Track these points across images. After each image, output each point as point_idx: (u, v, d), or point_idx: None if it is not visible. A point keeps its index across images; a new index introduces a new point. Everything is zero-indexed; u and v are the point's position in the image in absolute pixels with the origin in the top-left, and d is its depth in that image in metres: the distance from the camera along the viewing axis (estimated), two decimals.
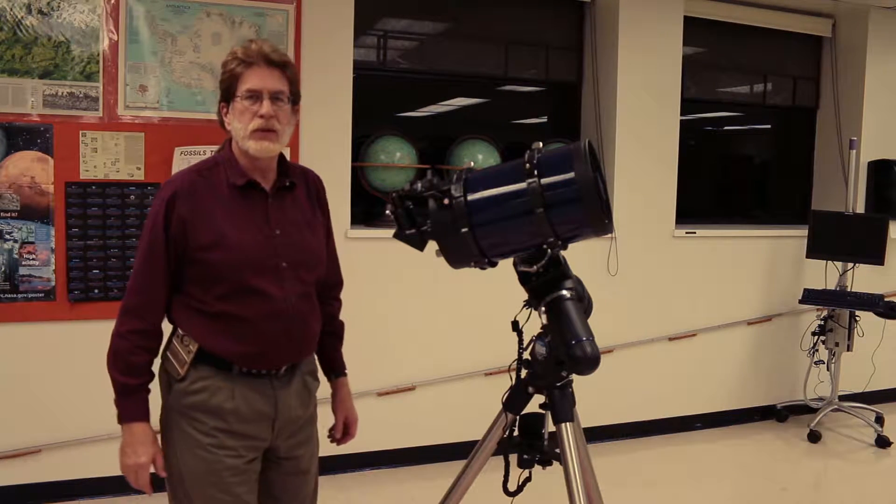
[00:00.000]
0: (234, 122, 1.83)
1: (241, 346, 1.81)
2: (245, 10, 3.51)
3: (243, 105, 1.80)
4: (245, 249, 1.81)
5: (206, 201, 1.81)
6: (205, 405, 1.81)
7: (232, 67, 1.82)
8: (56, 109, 3.27)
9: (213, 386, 1.82)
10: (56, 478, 3.38)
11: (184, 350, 1.83)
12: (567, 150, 1.73)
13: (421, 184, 1.79)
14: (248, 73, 1.81)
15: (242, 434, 1.84)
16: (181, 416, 1.83)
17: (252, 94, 1.80)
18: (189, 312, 1.83)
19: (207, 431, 1.81)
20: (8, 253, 3.25)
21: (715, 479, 4.06)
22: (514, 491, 1.94)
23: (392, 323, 3.88)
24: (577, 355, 1.67)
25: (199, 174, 1.85)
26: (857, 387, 4.85)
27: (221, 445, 1.82)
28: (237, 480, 1.83)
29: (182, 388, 1.83)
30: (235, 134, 1.84)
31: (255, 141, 1.80)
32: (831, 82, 5.11)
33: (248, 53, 1.82)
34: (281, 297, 1.83)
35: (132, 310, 1.82)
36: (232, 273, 1.79)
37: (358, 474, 3.84)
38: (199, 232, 1.79)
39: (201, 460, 1.81)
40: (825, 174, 5.21)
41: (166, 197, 1.80)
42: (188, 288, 1.83)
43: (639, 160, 4.36)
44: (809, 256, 4.64)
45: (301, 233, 1.91)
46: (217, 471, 1.81)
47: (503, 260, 1.83)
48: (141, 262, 1.82)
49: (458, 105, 4.77)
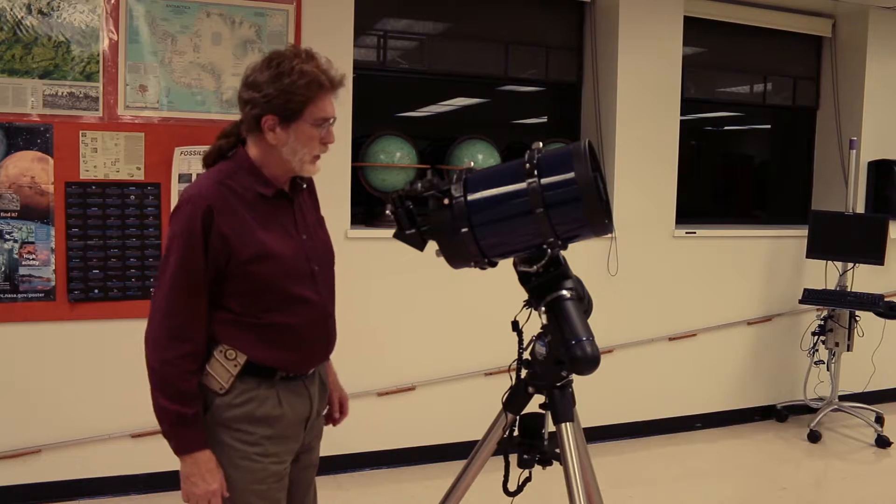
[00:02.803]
0: (296, 144, 1.76)
1: (288, 353, 1.82)
2: (245, 10, 3.51)
3: (313, 132, 1.76)
4: (285, 258, 1.80)
5: (240, 213, 1.76)
6: (252, 416, 1.80)
7: (310, 94, 1.73)
8: (56, 109, 3.27)
9: (260, 395, 1.80)
10: (56, 478, 3.37)
11: (229, 364, 1.78)
12: (567, 150, 1.73)
13: (421, 184, 1.79)
14: (322, 98, 1.76)
15: (286, 437, 1.84)
16: (224, 430, 1.80)
17: (326, 122, 1.77)
18: (232, 326, 1.78)
19: (254, 441, 1.80)
20: (8, 253, 3.25)
21: (715, 479, 4.06)
22: (514, 491, 1.95)
23: (392, 323, 3.88)
24: (577, 355, 1.67)
25: (225, 185, 1.77)
26: (857, 387, 4.84)
27: (266, 453, 1.81)
28: (279, 486, 1.84)
29: (226, 402, 1.79)
30: (293, 156, 1.78)
31: (313, 165, 1.81)
32: (831, 82, 5.11)
33: (327, 76, 1.75)
34: (319, 300, 1.85)
35: (174, 334, 1.72)
36: (277, 284, 1.78)
37: (358, 474, 3.84)
38: (242, 246, 1.74)
39: (246, 471, 1.79)
40: (825, 174, 5.21)
41: (201, 211, 1.72)
42: (230, 303, 1.78)
43: (639, 160, 4.36)
44: (809, 256, 4.64)
45: (318, 233, 1.94)
46: (263, 479, 1.81)
47: (503, 260, 1.83)
48: (175, 279, 1.72)
49: (458, 105, 4.77)
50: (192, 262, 1.72)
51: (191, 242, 1.72)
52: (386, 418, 3.88)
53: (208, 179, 1.80)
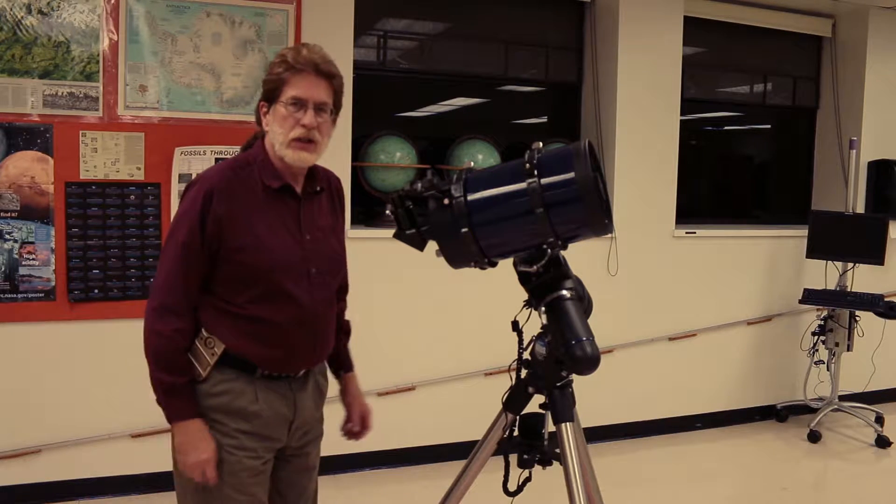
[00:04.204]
0: (274, 126, 1.80)
1: (269, 350, 1.82)
2: (245, 10, 3.51)
3: (286, 111, 1.78)
4: (279, 253, 1.80)
5: (241, 201, 1.79)
6: (227, 407, 1.81)
7: (279, 71, 1.79)
8: (56, 109, 3.27)
9: (236, 388, 1.81)
10: (56, 478, 3.37)
11: (207, 352, 1.80)
12: (567, 150, 1.73)
13: (421, 184, 1.79)
14: (295, 79, 1.78)
15: (263, 436, 1.84)
16: None
17: (297, 102, 1.78)
18: (216, 314, 1.81)
19: (228, 433, 1.80)
20: (8, 253, 3.25)
21: (715, 479, 4.06)
22: (514, 491, 1.94)
23: (392, 323, 3.88)
24: (577, 355, 1.67)
25: (234, 172, 1.82)
26: (857, 387, 4.84)
27: (241, 447, 1.81)
28: (254, 481, 1.84)
29: (204, 390, 1.81)
30: (273, 138, 1.81)
31: (293, 150, 1.79)
32: (831, 82, 5.11)
33: (298, 60, 1.78)
34: (309, 302, 1.84)
35: (170, 308, 1.77)
36: (265, 276, 1.78)
37: (358, 474, 3.84)
38: (234, 232, 1.77)
39: (220, 461, 1.80)
40: (825, 174, 5.21)
41: (202, 193, 1.76)
42: (217, 288, 1.81)
43: (639, 160, 4.36)
44: (809, 256, 4.64)
45: (328, 239, 1.93)
46: (236, 472, 1.81)
47: (503, 260, 1.83)
48: (173, 258, 1.77)
49: (458, 105, 4.77)
50: (191, 241, 1.76)
51: (191, 223, 1.76)
52: (386, 418, 3.85)
53: (220, 166, 1.86)
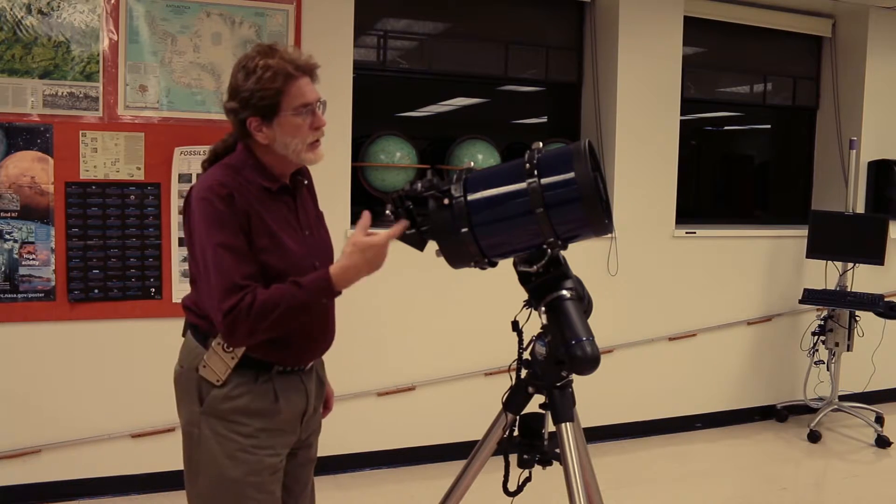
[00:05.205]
0: (285, 137, 1.77)
1: (287, 348, 1.82)
2: (245, 10, 3.51)
3: (301, 120, 1.76)
4: (294, 252, 1.80)
5: (252, 203, 1.77)
6: (247, 408, 1.80)
7: (276, 85, 1.74)
8: (56, 109, 3.27)
9: (256, 389, 1.81)
10: (56, 478, 3.37)
11: (227, 356, 1.78)
12: (567, 150, 1.73)
13: (421, 184, 1.79)
14: (294, 86, 1.75)
15: (283, 430, 1.85)
16: (219, 422, 1.80)
17: (307, 107, 1.77)
18: None
19: (249, 433, 1.80)
20: (8, 253, 3.25)
21: (715, 479, 4.06)
22: (514, 491, 1.95)
23: (392, 323, 3.88)
24: (577, 355, 1.67)
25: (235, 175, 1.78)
26: (857, 387, 4.84)
27: (262, 445, 1.81)
28: (273, 479, 1.85)
29: (222, 394, 1.79)
30: (286, 149, 1.78)
31: (313, 153, 1.80)
32: (831, 82, 5.11)
33: (297, 66, 1.75)
34: None
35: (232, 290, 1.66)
36: (283, 276, 1.76)
37: (358, 474, 3.84)
38: (259, 233, 1.75)
39: (242, 462, 1.79)
40: (825, 174, 5.21)
41: (223, 197, 1.71)
42: None
43: (639, 160, 4.36)
44: (809, 256, 4.64)
45: (319, 230, 1.95)
46: (258, 471, 1.81)
47: (503, 260, 1.83)
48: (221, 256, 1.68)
49: (458, 105, 4.77)
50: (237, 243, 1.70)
51: (221, 221, 1.70)
52: (386, 418, 3.88)
53: (217, 171, 1.79)
